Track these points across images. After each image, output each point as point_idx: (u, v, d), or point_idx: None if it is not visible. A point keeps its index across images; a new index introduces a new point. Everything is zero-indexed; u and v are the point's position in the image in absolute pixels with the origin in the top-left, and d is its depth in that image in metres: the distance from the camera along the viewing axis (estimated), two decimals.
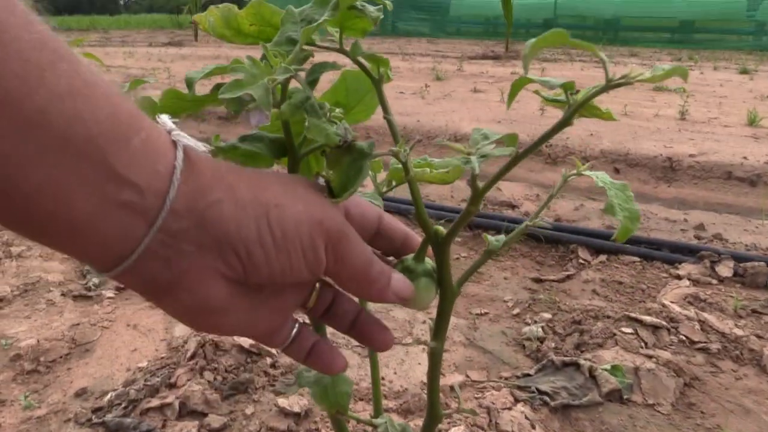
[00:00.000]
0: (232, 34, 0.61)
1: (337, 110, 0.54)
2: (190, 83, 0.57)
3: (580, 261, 2.35)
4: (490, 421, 1.33)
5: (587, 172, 0.75)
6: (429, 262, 0.55)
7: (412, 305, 0.52)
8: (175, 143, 0.37)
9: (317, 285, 0.48)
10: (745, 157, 3.72)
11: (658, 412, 1.52)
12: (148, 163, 0.34)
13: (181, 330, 1.83)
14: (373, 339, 0.51)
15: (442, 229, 0.62)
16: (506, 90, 6.24)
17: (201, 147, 0.58)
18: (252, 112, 0.57)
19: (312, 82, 0.57)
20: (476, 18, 15.04)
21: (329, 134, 0.52)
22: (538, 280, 2.23)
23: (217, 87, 0.52)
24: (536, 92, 0.57)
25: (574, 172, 0.77)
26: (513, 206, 3.03)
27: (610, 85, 0.45)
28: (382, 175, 0.85)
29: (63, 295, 2.07)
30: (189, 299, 0.37)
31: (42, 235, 0.33)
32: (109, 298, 2.07)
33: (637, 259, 2.30)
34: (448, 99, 5.90)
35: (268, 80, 0.52)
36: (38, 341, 1.75)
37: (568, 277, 2.25)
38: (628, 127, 4.59)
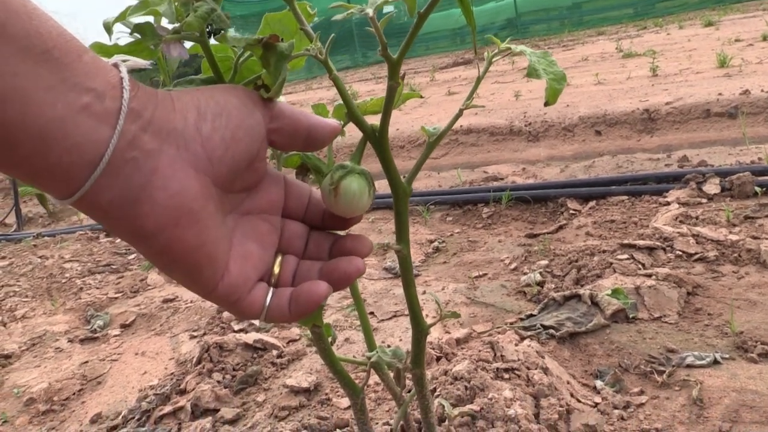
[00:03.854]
0: None
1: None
2: (107, 28, 0.60)
3: (571, 212, 2.36)
4: (495, 354, 1.32)
5: (508, 45, 0.78)
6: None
7: (346, 204, 0.51)
8: (115, 64, 0.40)
9: (279, 256, 0.49)
10: (720, 94, 3.73)
11: (666, 323, 1.51)
12: (100, 73, 0.37)
13: (188, 346, 1.84)
14: (357, 250, 0.50)
15: (377, 124, 0.64)
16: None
17: (143, 63, 0.61)
18: (172, 44, 0.59)
19: None
20: (441, 32, 15.26)
21: (247, 39, 0.55)
22: (531, 236, 2.23)
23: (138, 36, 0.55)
24: None
25: (497, 50, 0.80)
26: (499, 179, 3.04)
27: None
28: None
29: (70, 341, 2.08)
30: (165, 198, 0.38)
31: (16, 146, 0.34)
32: (116, 335, 2.09)
33: (625, 197, 2.31)
34: (425, 106, 5.96)
35: None
36: (50, 384, 1.76)
37: (561, 227, 2.25)
38: (603, 93, 4.62)
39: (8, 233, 4.45)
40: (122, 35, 0.60)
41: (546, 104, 0.69)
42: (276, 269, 0.48)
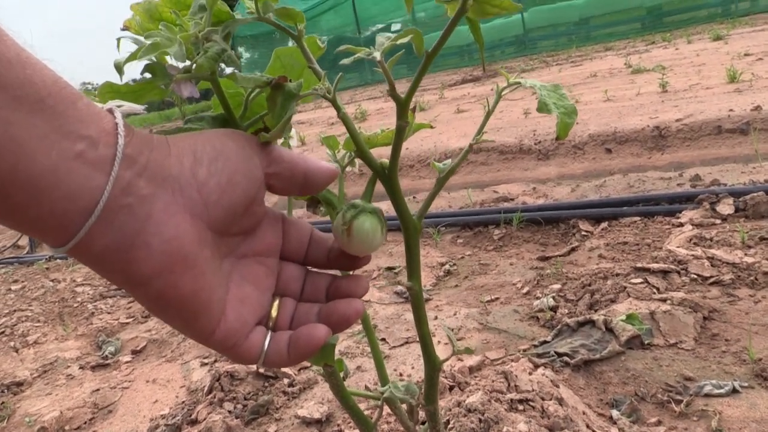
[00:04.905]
0: (157, 26, 0.64)
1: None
2: (119, 68, 0.60)
3: (583, 233, 2.34)
4: (509, 384, 1.31)
5: (517, 80, 0.78)
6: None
7: (359, 244, 0.50)
8: (109, 110, 0.40)
9: (277, 299, 0.48)
10: (731, 110, 3.71)
11: (682, 349, 1.49)
12: (94, 120, 0.37)
13: (199, 373, 1.83)
14: (353, 291, 0.49)
15: (386, 161, 0.64)
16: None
17: (137, 108, 0.61)
18: (183, 84, 0.59)
19: (226, 36, 0.59)
20: (449, 49, 15.33)
21: (256, 78, 0.55)
22: (543, 259, 2.22)
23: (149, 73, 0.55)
24: None
25: (506, 85, 0.80)
26: (509, 200, 3.03)
27: None
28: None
29: (81, 368, 2.08)
30: (160, 244, 0.38)
31: (9, 195, 0.34)
32: (127, 362, 2.08)
33: (637, 218, 2.29)
34: (434, 124, 5.97)
35: (181, 36, 0.55)
36: (61, 412, 1.75)
37: (573, 249, 2.23)
38: (612, 110, 4.61)
39: (21, 256, 4.47)
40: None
41: (557, 139, 0.68)
42: (273, 313, 0.47)
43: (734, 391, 1.29)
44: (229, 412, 1.51)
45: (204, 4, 0.57)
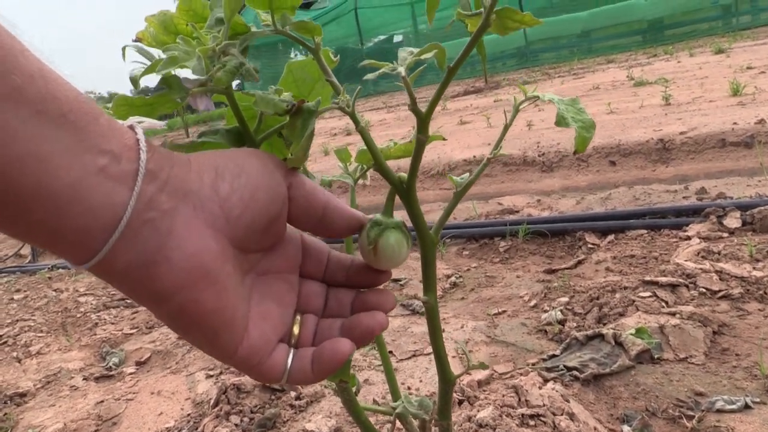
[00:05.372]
0: (172, 38, 0.63)
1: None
2: (134, 81, 0.60)
3: (589, 246, 2.33)
4: (520, 399, 1.30)
5: (535, 93, 0.78)
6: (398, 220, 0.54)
7: (387, 260, 0.51)
8: (130, 126, 0.40)
9: (298, 315, 0.48)
10: (735, 123, 3.71)
11: (692, 363, 1.48)
12: (116, 136, 0.37)
13: (204, 385, 1.82)
14: (380, 305, 0.49)
15: (404, 175, 0.64)
16: (492, 117, 6.32)
17: (158, 124, 0.61)
18: (199, 97, 0.59)
19: (243, 50, 0.59)
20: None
21: (276, 103, 0.54)
22: (550, 271, 2.21)
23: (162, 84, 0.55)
24: (459, 13, 0.60)
25: (524, 98, 0.80)
26: (514, 212, 3.03)
27: None
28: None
29: (85, 379, 2.07)
30: (182, 259, 0.37)
31: (30, 211, 0.33)
32: (131, 373, 2.07)
33: (644, 231, 2.28)
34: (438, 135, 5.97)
35: (199, 50, 0.54)
36: (65, 424, 1.74)
37: (580, 262, 2.22)
38: (616, 122, 4.61)
39: (23, 265, 4.47)
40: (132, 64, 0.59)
41: (575, 152, 0.68)
42: (296, 330, 0.47)
43: (746, 406, 1.28)
44: (236, 425, 1.50)
45: (222, 18, 0.57)
